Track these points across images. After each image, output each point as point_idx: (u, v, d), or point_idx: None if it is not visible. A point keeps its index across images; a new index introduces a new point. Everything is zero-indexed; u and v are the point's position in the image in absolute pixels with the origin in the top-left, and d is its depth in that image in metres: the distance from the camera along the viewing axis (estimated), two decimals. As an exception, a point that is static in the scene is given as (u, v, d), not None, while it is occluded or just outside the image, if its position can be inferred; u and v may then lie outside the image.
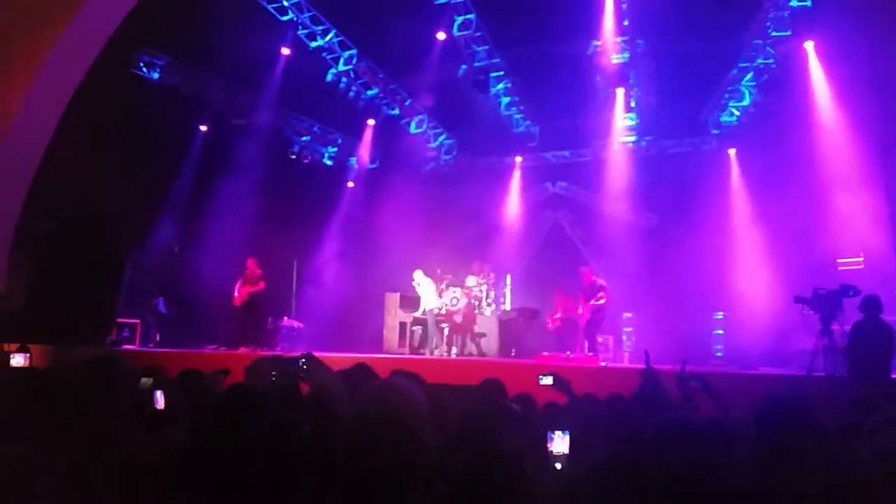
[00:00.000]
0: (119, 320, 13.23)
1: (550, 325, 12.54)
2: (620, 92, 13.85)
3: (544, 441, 3.04)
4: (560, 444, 3.04)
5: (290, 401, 3.84)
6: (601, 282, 11.20)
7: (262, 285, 12.19)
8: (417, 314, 13.13)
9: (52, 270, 11.91)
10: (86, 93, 8.21)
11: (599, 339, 11.79)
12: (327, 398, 3.06)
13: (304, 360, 4.00)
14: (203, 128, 14.72)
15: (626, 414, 3.67)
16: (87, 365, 3.36)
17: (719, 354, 12.27)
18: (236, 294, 12.18)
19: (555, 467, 2.99)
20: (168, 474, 1.99)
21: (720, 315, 12.66)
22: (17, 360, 6.48)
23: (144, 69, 12.77)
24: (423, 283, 12.85)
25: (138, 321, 13.47)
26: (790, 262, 11.38)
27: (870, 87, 10.86)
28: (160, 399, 3.90)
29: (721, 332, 12.56)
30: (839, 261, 11.14)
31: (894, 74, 10.32)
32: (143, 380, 4.32)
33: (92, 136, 10.59)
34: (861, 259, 11.07)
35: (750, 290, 11.96)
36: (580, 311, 11.25)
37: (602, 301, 10.98)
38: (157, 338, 13.54)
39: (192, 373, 4.54)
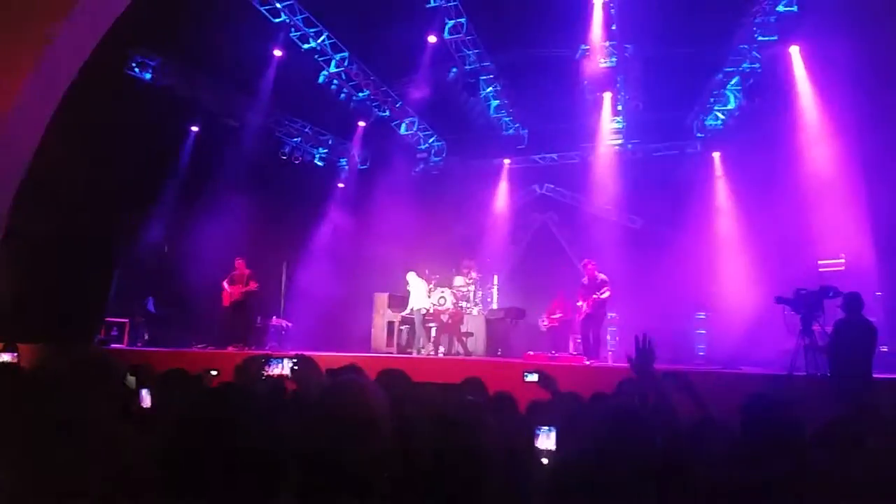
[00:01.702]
0: (108, 319, 13.26)
1: (547, 324, 12.48)
2: (608, 96, 14.01)
3: (532, 437, 3.14)
4: (546, 440, 3.15)
5: (279, 400, 3.90)
6: (603, 276, 10.95)
7: (254, 285, 12.23)
8: (405, 313, 13.22)
9: (41, 269, 11.90)
10: (78, 93, 8.20)
11: (577, 340, 11.72)
12: (311, 397, 3.15)
13: (295, 361, 4.05)
14: (195, 128, 14.77)
15: (611, 412, 3.66)
16: (75, 363, 3.42)
17: (702, 354, 12.43)
18: (227, 292, 12.22)
19: (541, 462, 3.09)
20: (154, 473, 1.98)
21: (702, 315, 12.82)
22: (4, 358, 6.54)
23: (137, 69, 12.75)
24: (414, 284, 12.95)
25: (127, 320, 13.49)
26: (772, 263, 11.47)
27: (854, 92, 10.90)
28: (146, 398, 3.96)
29: (703, 332, 12.72)
30: (820, 262, 11.13)
31: (878, 79, 10.40)
32: (129, 378, 4.33)
33: (83, 136, 10.59)
34: (843, 260, 11.07)
35: (732, 290, 12.06)
36: (580, 304, 10.93)
37: (606, 294, 10.69)
38: (146, 337, 13.57)
39: (177, 371, 4.55)
